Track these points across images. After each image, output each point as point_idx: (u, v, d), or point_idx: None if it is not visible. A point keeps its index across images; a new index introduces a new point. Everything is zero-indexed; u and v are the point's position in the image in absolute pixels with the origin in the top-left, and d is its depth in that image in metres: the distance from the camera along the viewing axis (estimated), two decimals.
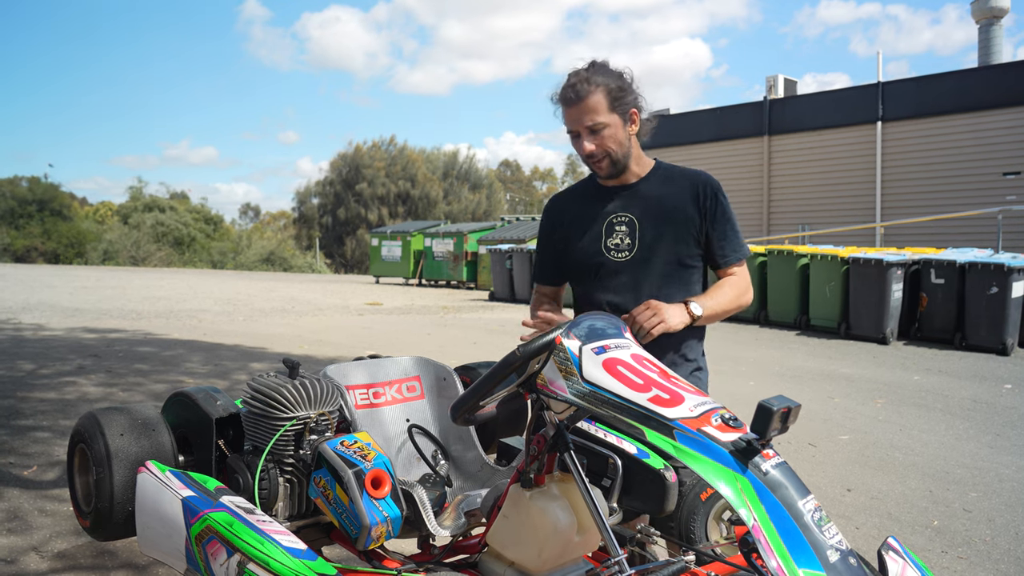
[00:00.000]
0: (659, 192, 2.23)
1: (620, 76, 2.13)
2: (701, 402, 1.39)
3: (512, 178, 64.76)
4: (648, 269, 2.20)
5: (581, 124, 2.10)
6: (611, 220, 2.23)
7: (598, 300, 2.24)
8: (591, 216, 2.26)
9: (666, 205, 2.21)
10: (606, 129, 2.10)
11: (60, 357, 7.74)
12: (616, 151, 2.14)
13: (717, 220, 2.22)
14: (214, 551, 1.51)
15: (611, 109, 2.09)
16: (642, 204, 2.22)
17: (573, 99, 2.09)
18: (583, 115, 2.09)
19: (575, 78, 2.10)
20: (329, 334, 10.88)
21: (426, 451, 2.15)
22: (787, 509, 1.24)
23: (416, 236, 24.62)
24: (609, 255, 2.22)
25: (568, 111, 2.12)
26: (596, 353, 1.47)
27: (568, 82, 2.11)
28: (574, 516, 1.60)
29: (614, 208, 2.24)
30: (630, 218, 2.21)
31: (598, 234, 2.23)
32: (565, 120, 2.14)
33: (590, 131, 2.11)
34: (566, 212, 2.34)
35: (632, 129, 2.17)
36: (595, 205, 2.27)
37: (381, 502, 1.63)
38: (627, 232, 2.21)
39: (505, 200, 57.31)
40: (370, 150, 48.13)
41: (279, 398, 1.79)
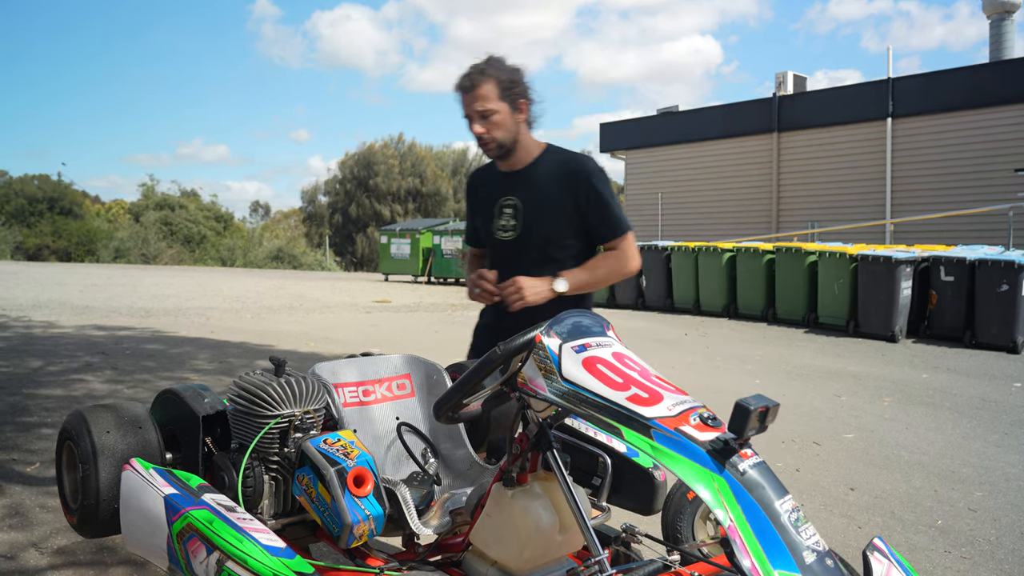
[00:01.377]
0: (540, 178, 2.47)
1: (513, 71, 2.38)
2: (680, 401, 1.38)
3: None
4: (528, 249, 2.47)
5: (473, 110, 2.36)
6: (500, 203, 2.52)
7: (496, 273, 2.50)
8: (487, 198, 2.58)
9: (544, 190, 2.45)
10: (495, 116, 2.35)
11: (68, 354, 7.79)
12: (503, 137, 2.40)
13: (591, 203, 2.44)
14: (194, 549, 1.51)
15: (500, 98, 2.35)
16: (525, 189, 2.48)
17: (467, 87, 2.35)
18: (475, 102, 2.35)
19: (471, 69, 2.36)
20: (336, 331, 10.90)
21: (415, 449, 2.14)
22: (763, 509, 1.23)
23: (425, 234, 24.63)
24: (498, 235, 2.53)
25: (463, 98, 2.38)
26: (576, 352, 1.46)
27: (465, 72, 2.37)
28: (556, 515, 1.59)
29: (503, 192, 2.53)
30: (515, 201, 2.49)
31: (490, 215, 2.54)
32: (462, 106, 2.40)
33: (480, 116, 2.36)
34: (475, 190, 2.67)
35: (520, 117, 2.42)
36: (491, 188, 2.57)
37: (363, 500, 1.62)
38: (512, 214, 2.49)
39: None
40: (381, 148, 48.20)
41: (264, 396, 1.79)
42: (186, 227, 38.66)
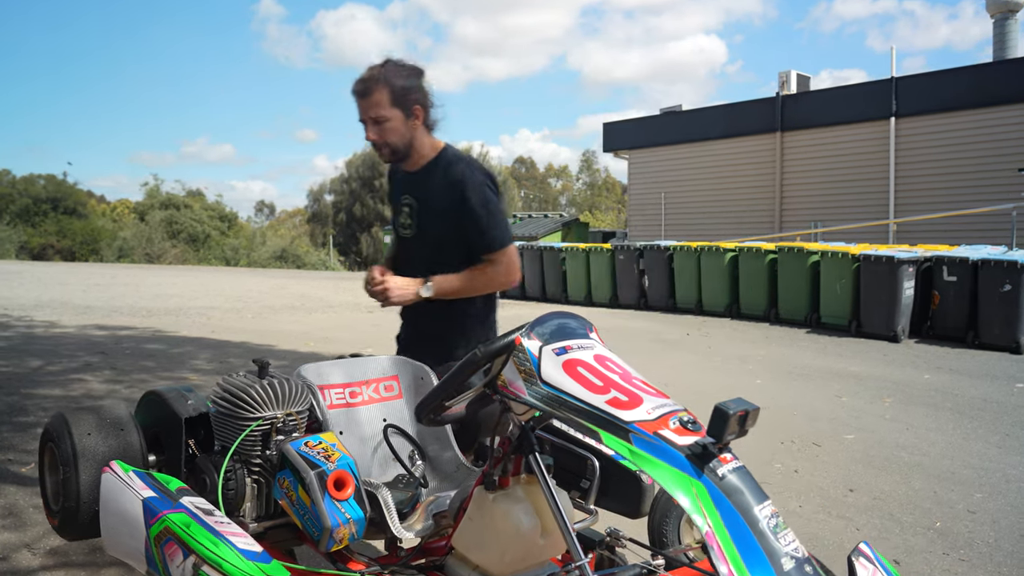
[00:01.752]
0: (431, 181, 2.49)
1: (408, 77, 2.39)
2: (660, 404, 1.36)
3: (527, 175, 64.69)
4: (423, 248, 2.51)
5: (367, 115, 2.39)
6: (402, 201, 2.57)
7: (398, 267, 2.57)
8: (394, 195, 2.65)
9: (434, 194, 2.48)
10: (388, 122, 2.37)
11: (68, 354, 7.79)
12: (396, 142, 2.42)
13: (471, 212, 2.42)
14: (172, 552, 1.50)
15: (393, 104, 2.36)
16: (420, 190, 2.52)
17: (361, 93, 2.38)
18: (369, 108, 2.37)
19: (367, 74, 2.37)
20: (337, 331, 10.89)
21: (403, 451, 2.12)
22: (742, 515, 1.21)
23: None
24: (400, 231, 2.60)
25: (358, 102, 2.40)
26: (557, 354, 1.44)
27: (360, 77, 2.39)
28: (537, 519, 1.57)
29: (403, 191, 2.57)
30: (411, 201, 2.54)
31: (396, 212, 2.62)
32: (358, 110, 2.42)
33: (374, 122, 2.38)
34: (389, 182, 2.75)
35: (415, 123, 2.43)
36: (397, 184, 2.63)
37: (344, 504, 1.61)
38: (409, 213, 2.55)
39: (519, 197, 57.28)
40: None
41: (245, 398, 1.77)
42: (191, 227, 38.71)
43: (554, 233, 21.58)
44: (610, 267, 15.65)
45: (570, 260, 16.68)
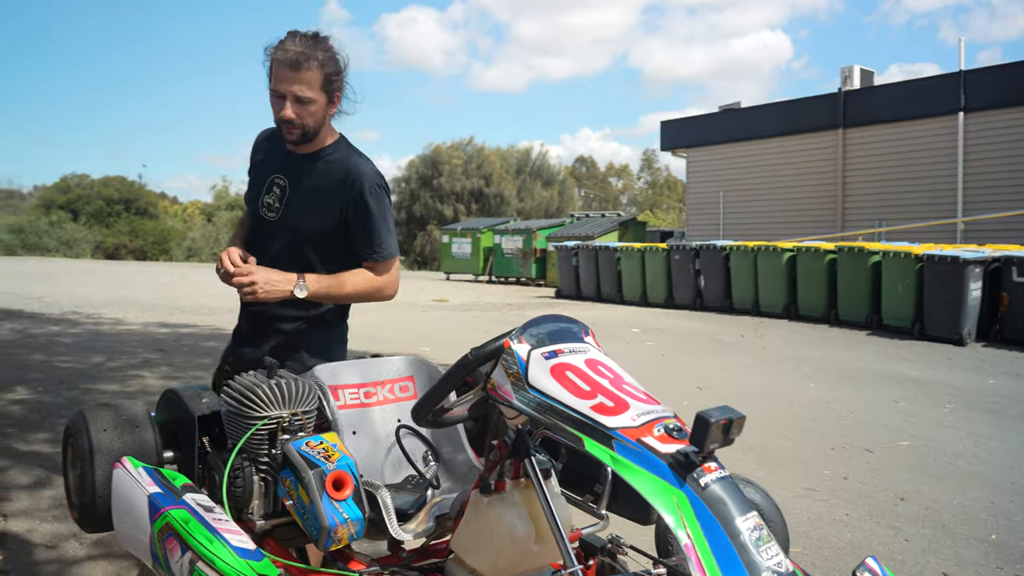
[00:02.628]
0: (319, 169, 2.30)
1: (338, 62, 2.24)
2: (647, 411, 1.33)
3: (587, 174, 64.41)
4: (284, 238, 2.30)
5: (291, 91, 2.16)
6: (273, 178, 2.34)
7: (251, 249, 2.32)
8: (263, 167, 2.39)
9: (317, 184, 2.29)
10: (312, 104, 2.19)
11: (130, 351, 8.06)
12: (311, 126, 2.23)
13: (359, 216, 2.28)
14: (171, 548, 1.53)
15: (321, 88, 2.20)
16: (301, 173, 2.31)
17: (292, 65, 2.14)
18: (295, 84, 2.16)
19: (301, 47, 2.15)
20: (390, 329, 11.02)
21: (417, 452, 2.12)
22: (723, 526, 1.17)
23: (486, 233, 24.74)
24: (261, 211, 2.35)
25: (282, 72, 2.16)
26: (546, 358, 1.42)
27: (292, 45, 2.15)
28: (532, 524, 1.56)
29: (278, 168, 2.34)
30: (284, 183, 2.32)
31: (260, 187, 2.36)
32: (275, 78, 2.18)
33: (296, 100, 2.18)
34: (259, 151, 2.45)
35: (331, 110, 2.28)
36: (270, 157, 2.39)
37: (342, 504, 1.61)
38: (278, 195, 2.32)
39: (579, 196, 57.07)
40: (448, 148, 48.61)
41: (252, 397, 1.79)
42: None
43: (610, 233, 21.42)
44: (665, 267, 15.48)
45: (625, 260, 16.56)
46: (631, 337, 10.82)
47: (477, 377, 1.65)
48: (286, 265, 2.24)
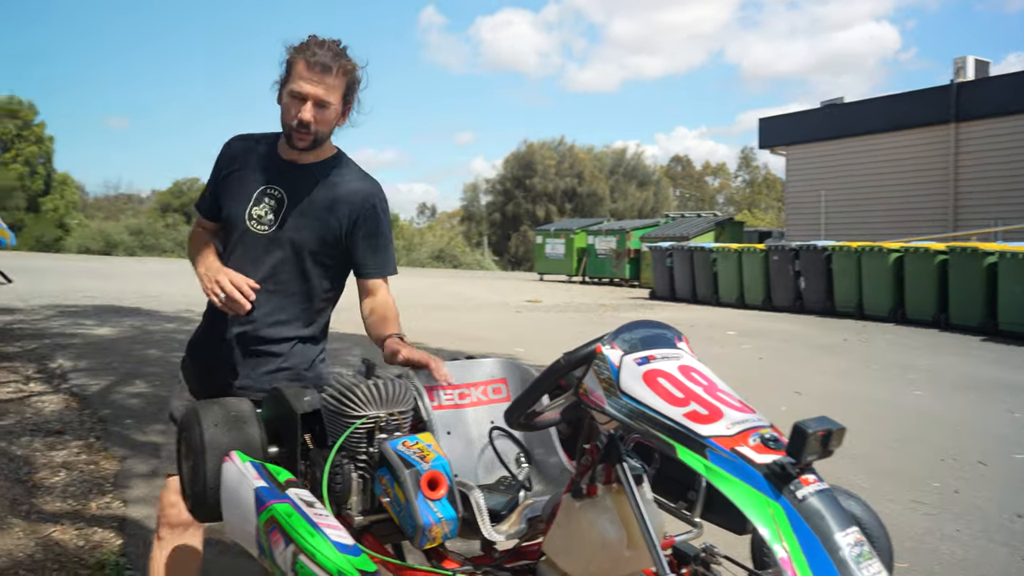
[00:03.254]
0: (323, 182, 2.22)
1: (357, 73, 2.19)
2: (742, 419, 1.30)
3: (683, 174, 63.42)
4: (281, 251, 2.19)
5: (314, 93, 2.08)
6: (265, 189, 2.20)
7: (230, 265, 2.18)
8: (250, 176, 2.23)
9: (321, 197, 2.21)
10: (330, 110, 2.13)
11: None
12: (324, 133, 2.17)
13: (371, 232, 2.26)
14: (275, 540, 1.60)
15: (342, 97, 2.15)
16: (300, 186, 2.21)
17: (324, 67, 2.07)
18: (322, 88, 2.08)
19: (333, 51, 2.10)
20: (484, 330, 11.14)
21: (509, 454, 2.15)
22: (822, 541, 1.14)
23: (579, 234, 24.71)
24: (250, 223, 2.20)
25: (309, 73, 2.08)
26: (638, 364, 1.42)
27: (326, 48, 2.09)
28: (624, 530, 1.55)
29: (272, 178, 2.21)
30: (282, 195, 2.19)
31: (247, 198, 2.20)
32: (297, 78, 2.09)
33: (318, 104, 2.10)
34: (237, 160, 2.27)
35: (341, 122, 2.22)
36: (259, 166, 2.23)
37: (436, 503, 1.65)
38: (273, 207, 2.19)
39: (674, 196, 56.25)
40: (541, 148, 48.77)
41: (351, 396, 1.85)
42: None
43: (706, 233, 21.02)
44: (763, 268, 15.10)
45: (721, 261, 16.23)
46: (727, 340, 10.59)
47: (570, 381, 1.66)
48: (286, 282, 2.21)
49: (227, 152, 2.29)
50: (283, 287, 2.22)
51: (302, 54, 2.08)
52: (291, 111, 2.10)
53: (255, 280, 2.14)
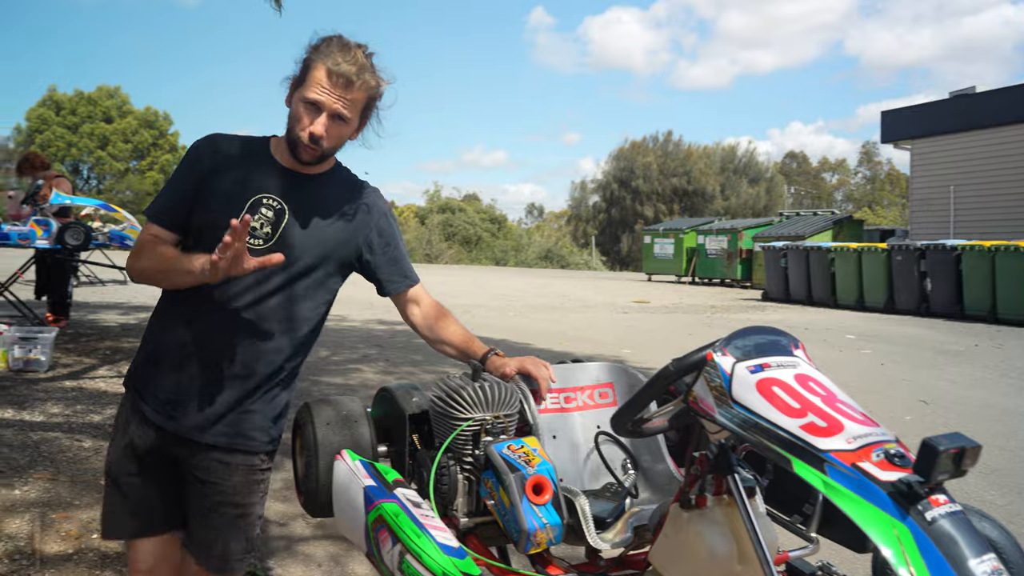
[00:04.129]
0: (329, 193, 2.00)
1: (380, 88, 1.95)
2: (865, 433, 1.23)
3: (798, 170, 61.25)
4: (281, 268, 1.88)
5: (333, 107, 1.86)
6: (261, 198, 1.91)
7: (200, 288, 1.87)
8: (242, 182, 1.92)
9: (330, 208, 1.99)
10: (345, 126, 1.92)
11: (351, 346, 8.69)
12: (333, 149, 1.96)
13: (386, 244, 2.09)
14: (383, 539, 1.63)
15: (360, 113, 1.94)
16: (304, 196, 1.96)
17: (346, 81, 1.85)
18: (340, 101, 1.86)
19: (359, 63, 1.86)
20: (591, 331, 11.08)
21: (615, 459, 2.12)
22: (954, 568, 1.06)
23: (689, 233, 24.27)
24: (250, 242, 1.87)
25: (330, 83, 1.84)
26: (751, 372, 1.36)
27: (351, 56, 1.86)
28: (734, 544, 1.49)
29: (270, 187, 1.93)
30: (281, 205, 1.93)
31: (239, 205, 1.88)
32: (316, 86, 1.85)
33: (335, 117, 1.88)
34: (220, 163, 1.94)
35: (353, 137, 2.00)
36: (254, 173, 1.94)
37: (541, 508, 1.64)
38: (271, 219, 1.91)
39: (788, 194, 54.40)
40: (644, 146, 48.17)
41: (457, 398, 1.87)
42: (464, 229, 41.44)
43: (823, 232, 20.19)
44: (886, 269, 14.40)
45: (839, 261, 15.58)
46: (845, 344, 10.14)
47: (679, 387, 1.61)
48: (284, 301, 1.94)
49: (206, 150, 1.96)
50: (270, 312, 1.94)
51: (324, 59, 1.85)
52: (303, 120, 1.87)
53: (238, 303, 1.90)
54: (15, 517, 3.52)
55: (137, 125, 44.28)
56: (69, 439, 4.64)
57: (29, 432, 4.71)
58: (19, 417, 5.05)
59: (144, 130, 44.38)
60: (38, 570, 3.06)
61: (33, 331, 6.54)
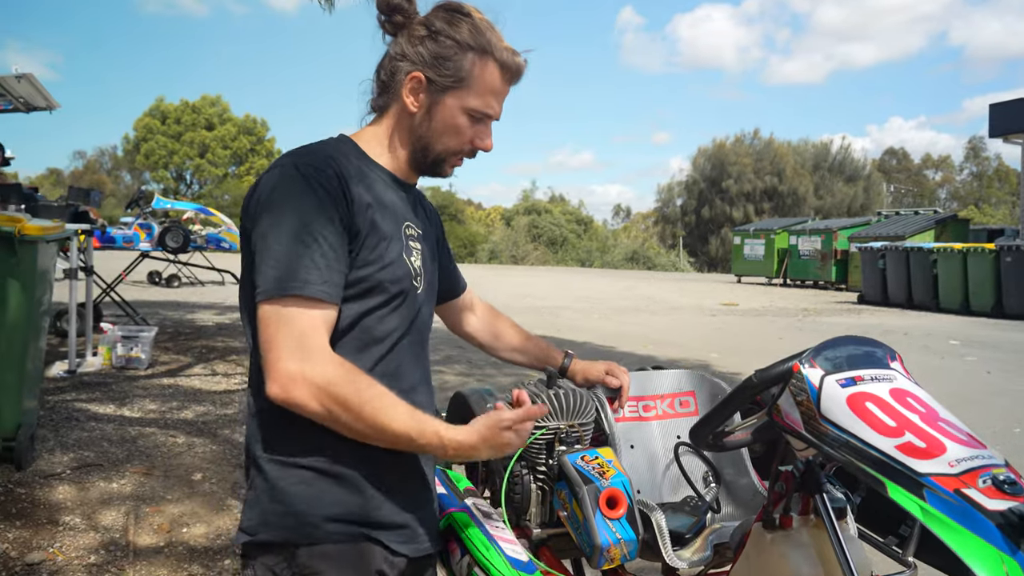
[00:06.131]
0: (420, 202, 1.63)
1: None
2: (970, 456, 1.12)
3: (898, 167, 58.81)
4: (427, 310, 1.55)
5: (498, 113, 1.49)
6: (406, 230, 1.46)
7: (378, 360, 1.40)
8: (393, 215, 1.43)
9: (430, 222, 1.64)
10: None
11: (435, 348, 8.74)
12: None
13: (445, 246, 1.78)
14: (452, 549, 1.59)
15: None
16: (419, 213, 1.57)
17: (518, 77, 1.49)
18: (500, 104, 1.49)
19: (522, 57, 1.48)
20: (676, 334, 10.87)
21: (696, 471, 2.03)
22: None
23: (780, 234, 23.60)
24: (416, 282, 1.46)
25: (504, 86, 1.46)
26: (842, 386, 1.26)
27: (523, 58, 1.48)
28: (821, 568, 1.39)
29: (405, 212, 1.48)
30: (418, 232, 1.50)
31: (399, 245, 1.42)
32: (494, 93, 1.44)
33: (493, 120, 1.50)
34: (358, 191, 1.36)
35: None
36: (390, 198, 1.45)
37: (615, 523, 1.57)
38: (419, 252, 1.49)
39: (887, 192, 52.27)
40: (734, 145, 47.12)
41: None
42: (550, 230, 41.44)
43: (924, 232, 19.27)
44: (993, 270, 13.64)
45: (942, 262, 14.85)
46: (948, 350, 9.62)
47: (764, 398, 1.52)
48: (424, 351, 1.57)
49: (334, 177, 1.33)
50: (425, 357, 1.59)
51: (493, 51, 1.42)
52: (464, 133, 1.45)
53: (421, 364, 1.55)
54: (111, 509, 3.66)
55: (236, 132, 46.06)
56: (164, 435, 4.81)
57: (128, 427, 4.91)
58: (119, 413, 5.28)
59: (243, 136, 46.13)
60: (131, 562, 3.17)
61: (134, 330, 6.84)
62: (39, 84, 7.63)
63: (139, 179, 46.68)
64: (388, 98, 1.46)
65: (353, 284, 1.33)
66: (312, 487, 1.32)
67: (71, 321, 6.12)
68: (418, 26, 1.43)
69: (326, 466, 1.33)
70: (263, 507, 1.34)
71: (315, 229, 1.26)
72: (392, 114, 1.47)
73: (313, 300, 1.25)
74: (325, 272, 1.26)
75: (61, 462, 4.20)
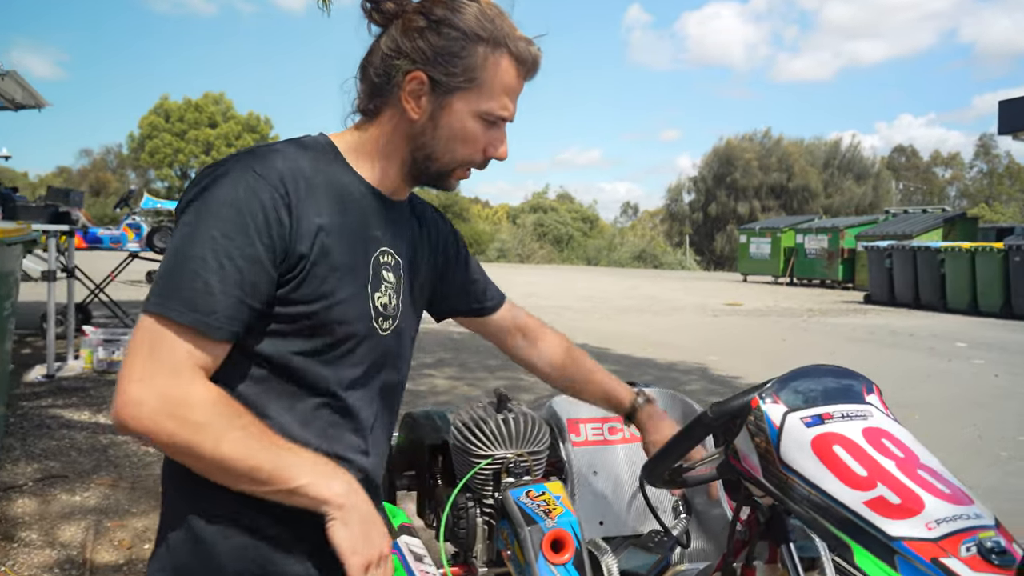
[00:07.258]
0: (411, 221, 1.34)
1: None
2: (953, 515, 0.93)
3: (907, 165, 58.31)
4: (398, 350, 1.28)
5: (513, 114, 1.24)
6: (380, 257, 1.22)
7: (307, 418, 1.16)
8: (359, 241, 1.19)
9: (422, 241, 1.36)
10: None
11: (428, 350, 8.58)
12: None
13: (463, 259, 1.47)
14: None
15: None
16: (403, 236, 1.29)
17: (534, 72, 1.25)
18: (516, 104, 1.24)
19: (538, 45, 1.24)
20: (677, 335, 10.68)
21: (665, 500, 1.85)
22: None
23: (787, 232, 23.36)
24: (378, 323, 1.21)
25: (519, 82, 1.22)
26: (807, 425, 1.07)
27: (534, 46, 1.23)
28: None
29: (381, 235, 1.23)
30: (396, 260, 1.26)
31: (364, 279, 1.19)
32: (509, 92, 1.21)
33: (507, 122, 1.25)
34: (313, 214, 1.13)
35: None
36: (369, 223, 1.21)
37: (560, 568, 1.40)
38: (393, 285, 1.25)
39: (896, 190, 51.86)
40: (741, 143, 46.82)
41: (477, 432, 1.64)
42: (556, 228, 41.24)
43: (932, 231, 19.00)
44: (1002, 270, 13.39)
45: (950, 262, 14.61)
46: (955, 353, 9.40)
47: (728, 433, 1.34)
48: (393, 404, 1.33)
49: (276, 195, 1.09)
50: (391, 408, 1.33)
51: (507, 42, 1.19)
52: (477, 141, 1.21)
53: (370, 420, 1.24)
54: (71, 524, 3.50)
55: (240, 130, 45.98)
56: (136, 443, 4.65)
57: (99, 435, 4.75)
58: (94, 420, 5.12)
59: (247, 134, 46.03)
60: None
61: (117, 333, 6.69)
62: (24, 81, 7.49)
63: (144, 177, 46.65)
64: (381, 101, 1.21)
65: (286, 320, 1.11)
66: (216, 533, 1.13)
67: (49, 323, 5.97)
68: (414, 15, 1.17)
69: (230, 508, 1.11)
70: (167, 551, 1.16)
71: (229, 249, 1.04)
72: (386, 120, 1.21)
73: (191, 330, 1.03)
74: (221, 300, 1.03)
75: (24, 473, 4.05)
